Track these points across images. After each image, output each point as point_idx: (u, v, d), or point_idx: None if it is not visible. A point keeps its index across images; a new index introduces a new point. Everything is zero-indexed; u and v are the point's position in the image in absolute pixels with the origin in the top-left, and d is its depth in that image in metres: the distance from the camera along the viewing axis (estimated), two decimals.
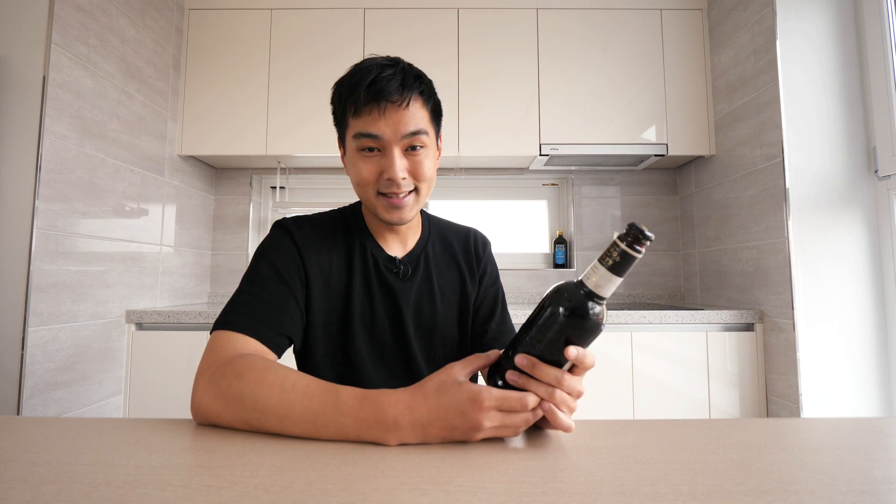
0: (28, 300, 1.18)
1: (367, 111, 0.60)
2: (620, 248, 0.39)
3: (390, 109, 0.60)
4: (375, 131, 0.60)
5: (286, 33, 1.86)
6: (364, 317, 0.69)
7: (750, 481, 0.36)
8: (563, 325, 0.42)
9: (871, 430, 0.49)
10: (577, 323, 0.42)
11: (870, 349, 1.39)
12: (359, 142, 0.62)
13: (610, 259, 0.40)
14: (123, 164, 1.53)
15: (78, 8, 1.33)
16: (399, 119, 0.60)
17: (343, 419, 0.44)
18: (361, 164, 0.63)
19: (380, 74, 0.59)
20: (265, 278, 0.64)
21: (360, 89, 0.59)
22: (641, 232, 0.39)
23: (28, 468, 0.38)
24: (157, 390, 1.52)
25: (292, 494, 0.34)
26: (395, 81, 0.60)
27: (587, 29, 1.87)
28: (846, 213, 1.43)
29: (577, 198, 2.13)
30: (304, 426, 0.45)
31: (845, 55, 1.47)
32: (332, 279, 0.69)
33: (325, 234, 0.71)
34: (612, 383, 1.51)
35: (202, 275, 2.03)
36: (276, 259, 0.65)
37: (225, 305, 0.62)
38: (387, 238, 0.73)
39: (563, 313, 0.42)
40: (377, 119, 0.60)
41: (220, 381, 0.49)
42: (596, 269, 0.41)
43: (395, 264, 0.72)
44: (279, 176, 2.07)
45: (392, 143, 0.61)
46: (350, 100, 0.61)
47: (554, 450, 0.44)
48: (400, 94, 0.60)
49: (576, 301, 0.42)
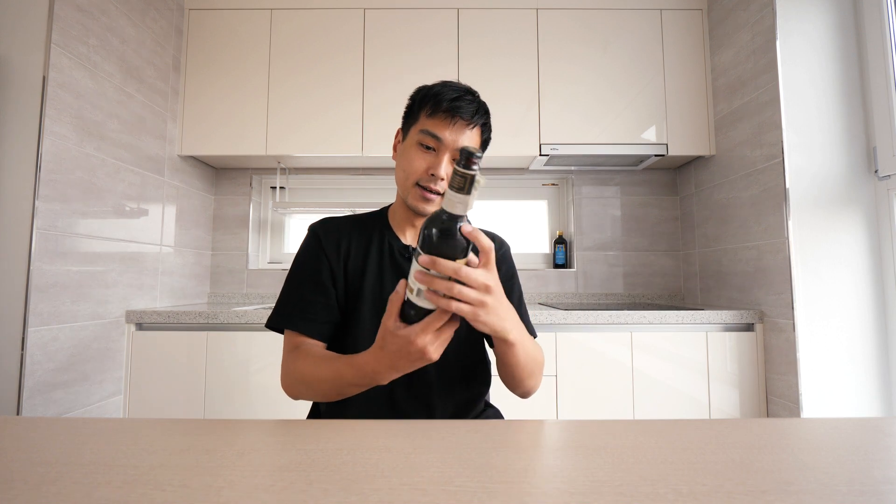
0: (28, 300, 1.18)
1: (442, 117, 0.72)
2: (459, 171, 0.47)
3: (459, 124, 0.72)
4: (441, 134, 0.72)
5: (286, 33, 1.86)
6: (373, 293, 0.77)
7: (750, 481, 0.36)
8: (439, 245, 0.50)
9: (872, 430, 0.49)
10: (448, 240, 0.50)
11: (870, 349, 1.39)
12: (422, 137, 0.73)
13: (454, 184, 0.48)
14: (123, 165, 1.53)
15: (78, 8, 1.33)
16: (461, 134, 0.73)
17: (348, 378, 0.62)
18: (416, 155, 0.74)
19: (464, 96, 0.73)
20: (300, 277, 0.78)
21: (444, 98, 0.72)
22: (471, 153, 0.47)
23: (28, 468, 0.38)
24: (157, 390, 1.52)
25: (292, 494, 0.34)
26: (472, 106, 0.73)
27: (587, 29, 1.87)
28: (846, 213, 1.43)
29: (577, 198, 2.13)
30: (331, 385, 0.64)
31: (845, 55, 1.47)
32: (349, 262, 0.79)
33: (347, 227, 0.82)
34: (612, 383, 1.51)
35: (202, 275, 2.03)
36: (306, 257, 0.79)
37: (275, 304, 0.78)
38: (406, 231, 0.82)
39: (436, 235, 0.50)
40: (447, 126, 0.72)
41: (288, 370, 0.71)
42: (447, 194, 0.49)
43: (409, 251, 0.80)
44: (279, 176, 2.07)
45: (447, 149, 0.73)
46: (433, 102, 0.73)
47: (554, 450, 0.44)
48: (471, 117, 0.73)
49: (442, 223, 0.50)
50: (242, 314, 1.52)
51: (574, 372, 1.51)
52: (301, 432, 0.49)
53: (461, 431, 0.49)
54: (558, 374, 1.51)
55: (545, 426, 0.52)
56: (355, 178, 2.20)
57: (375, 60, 1.85)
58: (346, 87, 1.84)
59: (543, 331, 1.52)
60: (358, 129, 1.82)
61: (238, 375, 1.51)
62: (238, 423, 0.52)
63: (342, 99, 1.83)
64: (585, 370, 1.51)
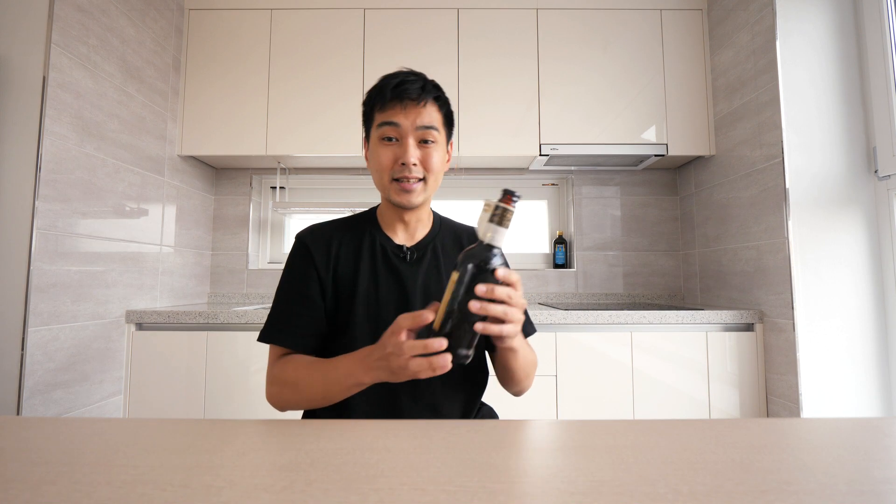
0: (28, 300, 1.18)
1: (391, 106, 0.73)
2: (500, 206, 0.54)
3: (410, 106, 0.72)
4: (396, 120, 0.73)
5: (286, 33, 1.86)
6: (368, 295, 0.76)
7: (750, 481, 0.36)
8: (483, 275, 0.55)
9: (872, 430, 0.49)
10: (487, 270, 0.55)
11: (870, 349, 1.39)
12: (381, 130, 0.74)
13: (496, 217, 0.54)
14: (123, 165, 1.53)
15: (78, 8, 1.33)
16: (416, 114, 0.73)
17: (336, 380, 0.64)
18: (381, 151, 0.75)
19: (405, 79, 0.73)
20: (286, 291, 0.78)
21: (387, 89, 0.73)
22: (512, 192, 0.54)
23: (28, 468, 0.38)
24: (157, 390, 1.52)
25: (292, 494, 0.34)
26: (416, 85, 0.73)
27: (587, 29, 1.87)
28: (846, 212, 1.43)
29: (577, 198, 2.13)
30: (319, 387, 0.66)
31: (845, 55, 1.47)
32: (339, 266, 0.78)
33: (335, 231, 0.81)
34: (612, 383, 1.51)
35: (202, 275, 2.03)
36: (293, 271, 0.79)
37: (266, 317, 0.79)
38: (396, 230, 0.81)
39: (480, 265, 0.55)
40: (398, 112, 0.73)
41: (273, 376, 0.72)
42: (489, 227, 0.55)
43: (402, 251, 0.79)
44: (279, 176, 2.07)
45: (408, 133, 0.73)
46: (378, 97, 0.74)
47: (554, 450, 0.44)
48: (419, 95, 0.72)
49: (483, 255, 0.55)
50: (242, 314, 1.52)
51: (574, 372, 1.51)
52: (301, 432, 0.49)
53: (461, 431, 0.49)
54: (558, 374, 1.51)
55: (545, 426, 0.52)
56: (355, 178, 2.20)
57: (375, 60, 1.85)
58: (346, 87, 1.84)
59: (543, 331, 1.52)
60: (358, 129, 1.82)
61: (238, 375, 1.51)
62: (238, 423, 0.52)
63: (342, 99, 1.83)
64: (585, 370, 1.51)
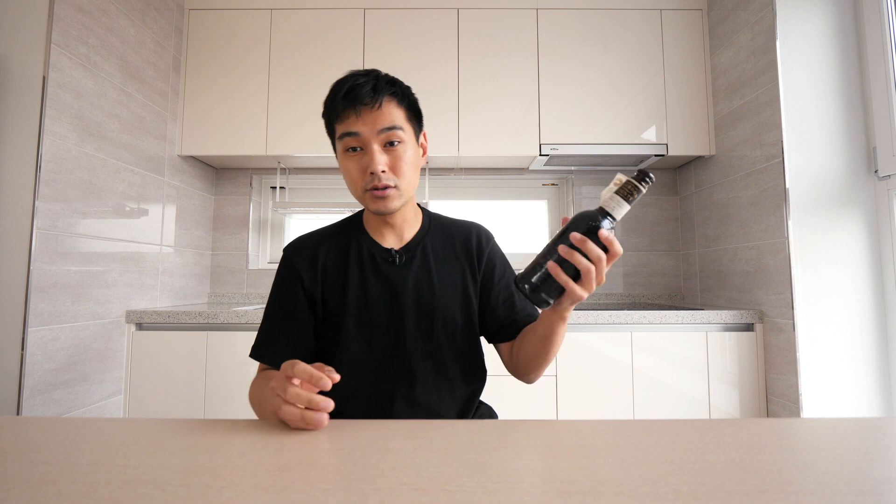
0: (28, 300, 1.18)
1: (346, 115, 0.69)
2: (633, 183, 0.55)
3: (364, 111, 0.68)
4: (354, 129, 0.69)
5: (286, 33, 1.86)
6: (358, 302, 0.75)
7: (750, 481, 0.36)
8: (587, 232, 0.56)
9: (871, 430, 0.49)
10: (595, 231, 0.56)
11: (870, 349, 1.39)
12: (343, 142, 0.70)
13: (625, 191, 0.56)
14: (123, 165, 1.53)
15: (78, 8, 1.32)
16: (374, 118, 0.68)
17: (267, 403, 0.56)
18: (348, 164, 0.72)
19: (354, 83, 0.69)
20: (272, 310, 0.77)
21: (338, 98, 0.69)
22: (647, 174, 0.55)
23: (28, 468, 0.38)
24: (157, 390, 1.52)
25: (292, 494, 0.34)
26: (367, 87, 0.68)
27: (587, 29, 1.87)
28: (846, 212, 1.43)
29: (577, 198, 2.13)
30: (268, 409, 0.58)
31: (845, 55, 1.47)
32: (327, 276, 0.77)
33: (320, 241, 0.80)
34: (612, 383, 1.51)
35: (202, 275, 2.03)
36: (279, 288, 0.78)
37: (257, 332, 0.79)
38: (383, 233, 0.79)
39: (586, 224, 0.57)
40: (354, 120, 0.69)
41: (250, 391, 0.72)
42: (613, 198, 0.56)
43: (390, 254, 0.78)
44: (279, 176, 2.07)
45: (371, 140, 0.69)
46: (332, 108, 0.71)
47: (554, 450, 0.44)
48: (371, 98, 0.68)
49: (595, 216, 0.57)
50: (242, 314, 1.52)
51: (574, 372, 1.51)
52: (301, 432, 0.49)
53: (461, 431, 0.49)
54: (558, 374, 1.51)
55: (545, 426, 0.52)
56: None
57: (375, 60, 1.85)
58: None
59: None
60: None
61: (238, 375, 1.51)
62: (238, 423, 0.52)
63: None
64: (586, 370, 1.51)
